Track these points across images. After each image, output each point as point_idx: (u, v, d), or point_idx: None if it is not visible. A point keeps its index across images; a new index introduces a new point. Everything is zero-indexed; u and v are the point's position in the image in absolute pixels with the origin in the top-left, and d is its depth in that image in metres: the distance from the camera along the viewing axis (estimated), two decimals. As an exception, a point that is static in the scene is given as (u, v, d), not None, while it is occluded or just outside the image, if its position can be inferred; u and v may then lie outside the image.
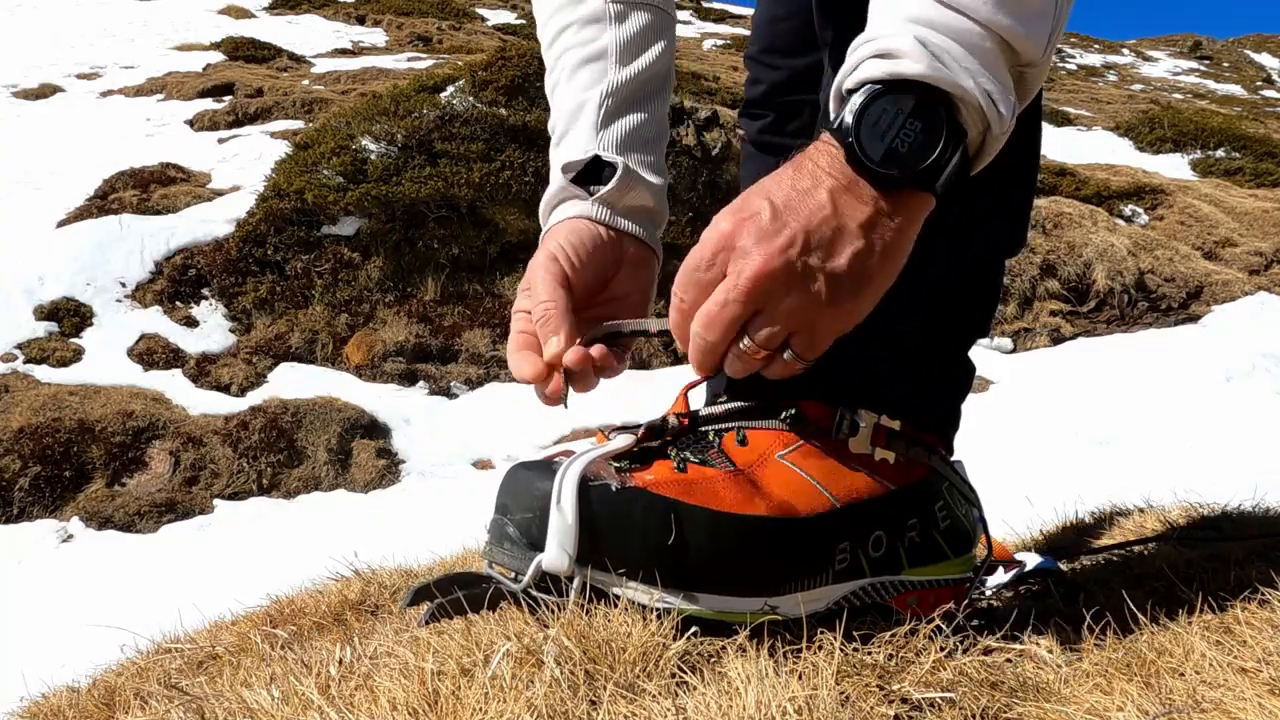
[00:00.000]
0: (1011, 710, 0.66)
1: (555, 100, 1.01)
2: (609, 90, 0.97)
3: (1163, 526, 1.43)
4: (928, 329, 0.95)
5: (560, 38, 1.01)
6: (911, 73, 0.69)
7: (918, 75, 0.69)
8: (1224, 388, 5.41)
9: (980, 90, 0.70)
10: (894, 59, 0.70)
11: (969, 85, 0.69)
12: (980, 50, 0.70)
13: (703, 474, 0.78)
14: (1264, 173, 10.73)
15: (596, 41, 0.99)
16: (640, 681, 0.66)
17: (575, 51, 0.99)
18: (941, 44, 0.69)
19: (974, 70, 0.70)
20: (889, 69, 0.70)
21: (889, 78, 0.70)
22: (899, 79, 0.69)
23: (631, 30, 0.99)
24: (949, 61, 0.69)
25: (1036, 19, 0.71)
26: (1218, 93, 25.16)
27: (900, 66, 0.69)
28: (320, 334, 6.50)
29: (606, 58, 0.98)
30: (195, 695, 0.81)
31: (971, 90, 0.70)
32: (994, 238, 1.00)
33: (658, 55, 1.00)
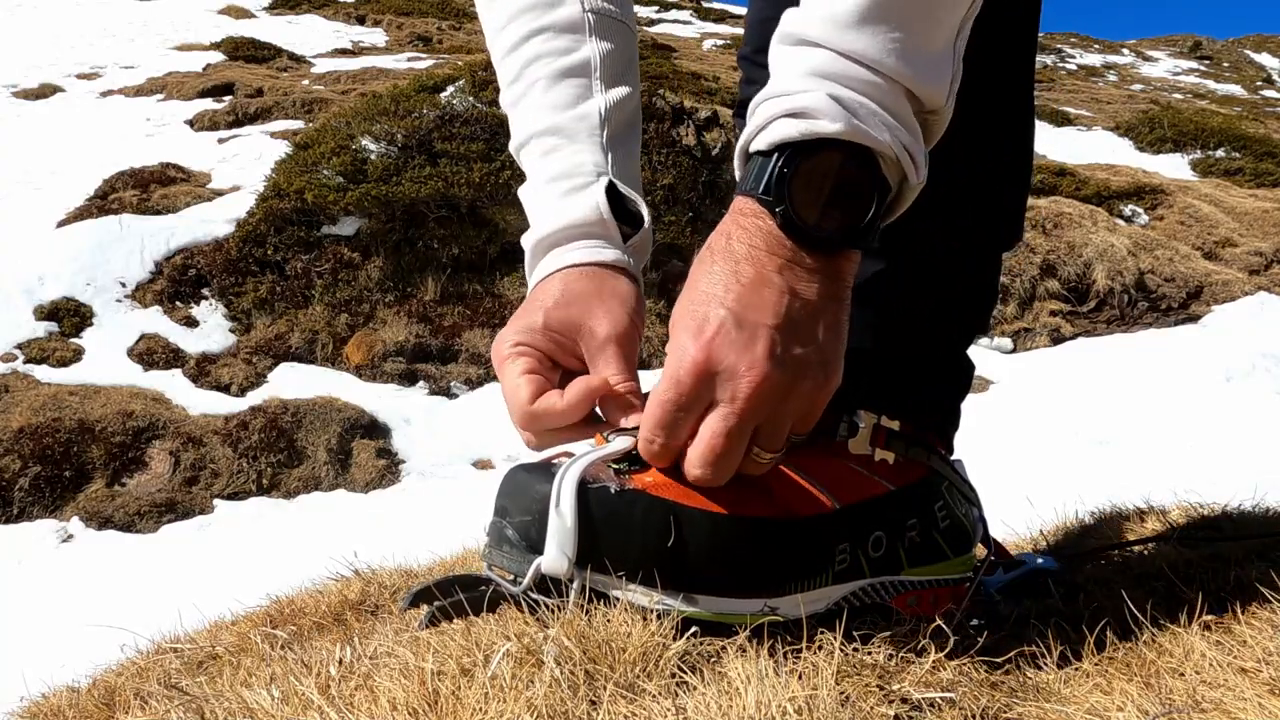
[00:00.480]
0: (1011, 710, 0.66)
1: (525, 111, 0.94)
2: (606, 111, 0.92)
3: (1163, 526, 1.43)
4: (926, 328, 0.95)
5: (528, 44, 0.94)
6: (830, 132, 0.67)
7: (837, 134, 0.67)
8: (1224, 388, 5.41)
9: (896, 143, 0.68)
10: (809, 119, 0.67)
11: (886, 139, 0.68)
12: (889, 103, 0.68)
13: (703, 475, 0.78)
14: (1264, 173, 10.73)
15: (575, 53, 0.93)
16: (640, 681, 0.66)
17: (551, 61, 0.92)
18: (855, 100, 0.67)
19: (888, 124, 0.68)
20: (806, 129, 0.67)
21: (806, 138, 0.67)
22: (817, 138, 0.67)
23: (610, 47, 0.94)
24: (864, 116, 0.67)
25: (937, 67, 0.70)
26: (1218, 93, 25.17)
27: (817, 126, 0.67)
28: (320, 334, 6.50)
29: (589, 74, 0.93)
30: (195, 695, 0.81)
31: (889, 144, 0.68)
32: (990, 234, 1.00)
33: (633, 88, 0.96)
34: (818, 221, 0.69)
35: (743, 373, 0.68)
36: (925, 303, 0.94)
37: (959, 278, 0.97)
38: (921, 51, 0.69)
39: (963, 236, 0.95)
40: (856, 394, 0.88)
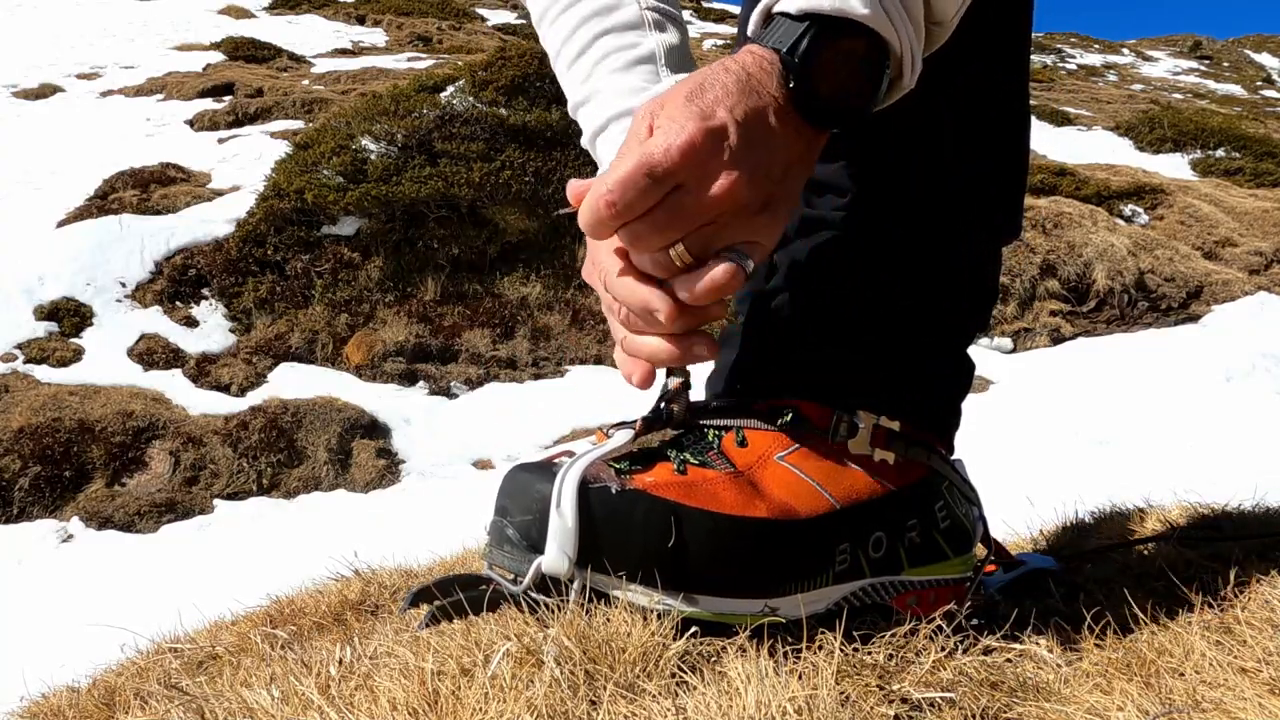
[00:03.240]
0: (1011, 710, 0.66)
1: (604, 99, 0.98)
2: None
3: (1163, 526, 1.43)
4: (925, 326, 0.95)
5: (595, 46, 0.99)
6: (859, 15, 0.69)
7: (865, 19, 0.69)
8: (1224, 388, 5.41)
9: (907, 44, 0.71)
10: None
11: (902, 35, 0.71)
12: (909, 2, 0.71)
13: (703, 476, 0.78)
14: (1264, 173, 10.73)
15: (641, 46, 0.98)
16: (640, 681, 0.66)
17: (621, 54, 0.98)
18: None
19: (903, 20, 0.71)
20: (837, 5, 0.69)
21: (837, 14, 0.69)
22: (846, 19, 0.69)
23: (671, 39, 1.00)
24: (890, 7, 0.70)
25: None
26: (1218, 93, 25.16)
27: (849, 6, 0.69)
28: (320, 334, 6.50)
29: (655, 62, 0.98)
30: (195, 695, 0.81)
31: (903, 42, 0.71)
32: (988, 229, 0.99)
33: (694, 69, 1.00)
34: (826, 98, 0.71)
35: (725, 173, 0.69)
36: (924, 300, 0.94)
37: (958, 274, 0.97)
38: None
39: (961, 232, 0.95)
40: (856, 393, 0.88)
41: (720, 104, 0.70)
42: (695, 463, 0.80)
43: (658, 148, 0.68)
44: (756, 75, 0.71)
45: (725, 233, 0.72)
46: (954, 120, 0.91)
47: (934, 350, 0.97)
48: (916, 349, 0.95)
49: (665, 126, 0.69)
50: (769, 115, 0.71)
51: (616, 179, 0.68)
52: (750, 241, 0.73)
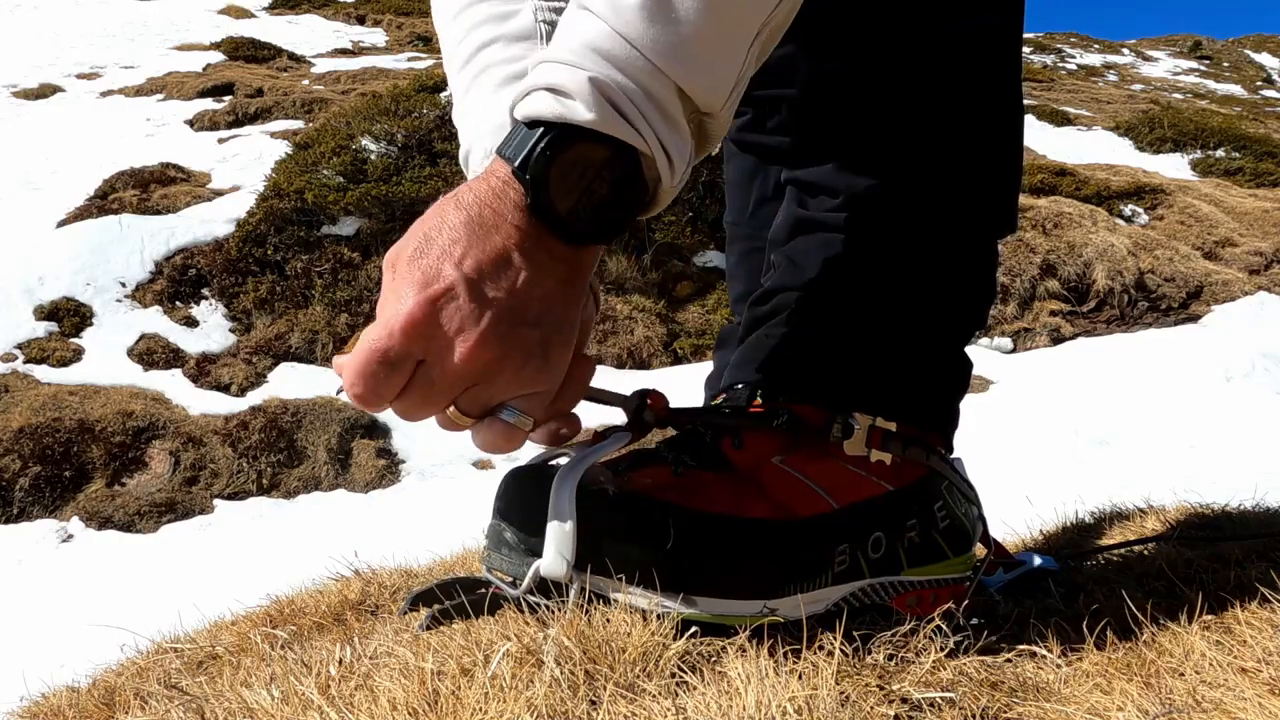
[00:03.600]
0: (1011, 710, 0.66)
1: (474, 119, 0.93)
2: None
3: (1163, 526, 1.43)
4: (922, 325, 0.95)
5: (480, 55, 0.94)
6: (582, 120, 0.63)
7: (589, 124, 0.63)
8: (1224, 388, 5.41)
9: (657, 143, 0.65)
10: (565, 98, 0.64)
11: (648, 136, 0.65)
12: (657, 96, 0.65)
13: (700, 477, 0.78)
14: (1264, 173, 10.73)
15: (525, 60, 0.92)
16: (640, 681, 0.66)
17: (501, 69, 0.92)
18: (618, 86, 0.64)
19: (652, 119, 0.65)
20: (559, 111, 0.64)
21: (560, 120, 0.64)
22: (570, 125, 0.64)
23: None
24: (627, 109, 0.64)
25: (718, 70, 0.67)
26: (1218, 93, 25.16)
27: (571, 111, 0.64)
28: (320, 334, 6.50)
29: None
30: (195, 695, 0.81)
31: (650, 143, 0.65)
32: (983, 224, 0.99)
33: None
34: (570, 212, 0.66)
35: (459, 344, 0.64)
36: (920, 299, 0.94)
37: (953, 272, 0.96)
38: (704, 50, 0.65)
39: (956, 229, 0.95)
40: (853, 393, 0.88)
41: (447, 258, 0.64)
42: (693, 465, 0.80)
43: (382, 333, 0.64)
44: (491, 203, 0.65)
45: (494, 390, 0.68)
46: (947, 116, 0.91)
47: (931, 349, 0.97)
48: (914, 348, 0.94)
49: (389, 299, 0.65)
50: (510, 253, 0.65)
51: (354, 370, 0.65)
52: (526, 394, 0.69)
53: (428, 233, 0.66)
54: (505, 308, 0.65)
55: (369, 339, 0.65)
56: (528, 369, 0.67)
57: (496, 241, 0.65)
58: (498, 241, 0.65)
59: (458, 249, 0.65)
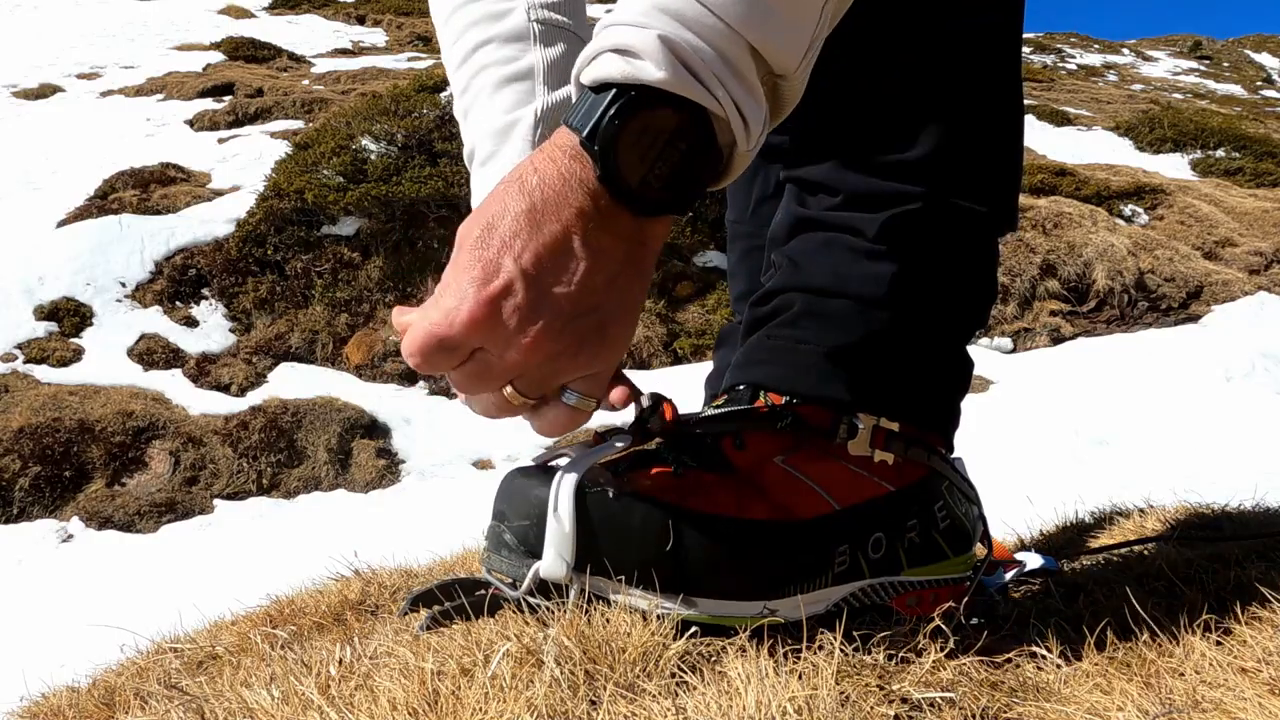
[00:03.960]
0: (1011, 710, 0.66)
1: (473, 120, 0.94)
2: (542, 113, 0.91)
3: (1163, 526, 1.43)
4: (924, 324, 0.95)
5: (475, 55, 0.94)
6: (653, 79, 0.61)
7: (659, 83, 0.61)
8: (1224, 388, 5.41)
9: (731, 104, 0.63)
10: (634, 59, 0.61)
11: (721, 97, 0.62)
12: (731, 56, 0.62)
13: (701, 478, 0.78)
14: (1264, 173, 10.73)
15: (520, 60, 0.93)
16: (640, 681, 0.66)
17: (496, 70, 0.93)
18: (690, 45, 0.61)
19: (725, 79, 0.62)
20: (629, 72, 0.62)
21: (629, 82, 0.62)
22: (641, 85, 0.61)
23: (557, 54, 0.94)
24: (699, 69, 0.61)
25: (791, 29, 0.64)
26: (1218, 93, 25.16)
27: (641, 70, 0.61)
28: (320, 334, 6.50)
29: (534, 78, 0.92)
30: (195, 695, 0.81)
31: (723, 104, 0.62)
32: (983, 222, 0.99)
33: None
34: (641, 182, 0.64)
35: (515, 340, 0.65)
36: (922, 297, 0.94)
37: (954, 271, 0.96)
38: (778, 8, 0.63)
39: (956, 228, 0.95)
40: (855, 393, 0.88)
41: (507, 251, 0.63)
42: (693, 465, 0.79)
43: (443, 320, 0.64)
44: (555, 186, 0.64)
45: (553, 375, 0.68)
46: (948, 115, 0.91)
47: (933, 348, 0.97)
48: (915, 347, 0.94)
49: (450, 289, 0.65)
50: (572, 241, 0.64)
51: (412, 345, 0.65)
52: (587, 376, 0.69)
53: (491, 220, 0.65)
54: (564, 300, 0.64)
55: (429, 320, 0.65)
56: (584, 354, 0.67)
57: (557, 231, 0.64)
58: (559, 231, 0.64)
59: (518, 242, 0.64)
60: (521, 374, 0.67)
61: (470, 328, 0.64)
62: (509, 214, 0.64)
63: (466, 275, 0.64)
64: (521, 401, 0.69)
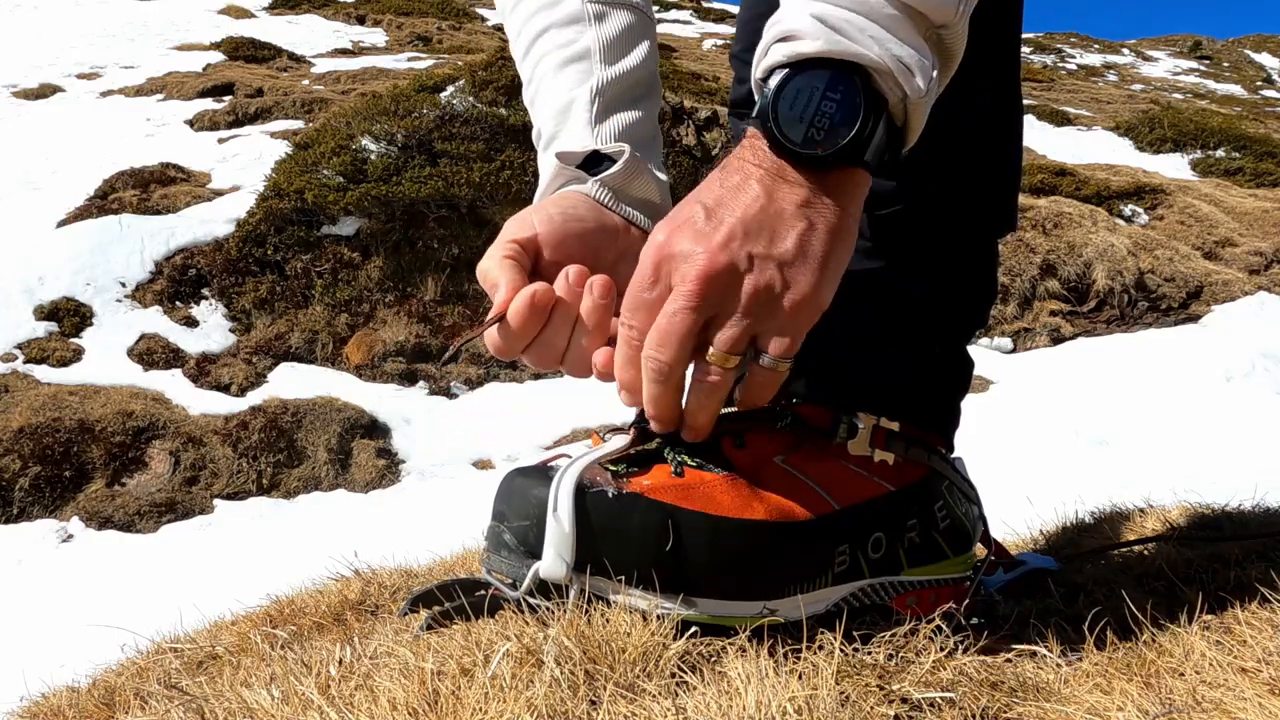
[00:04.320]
0: (1011, 710, 0.66)
1: (538, 105, 0.97)
2: (598, 88, 0.93)
3: (1163, 526, 1.43)
4: (924, 324, 0.95)
5: (537, 43, 0.98)
6: (810, 50, 0.68)
7: (817, 52, 0.67)
8: (1224, 388, 5.41)
9: (890, 56, 0.68)
10: (795, 40, 0.69)
11: (876, 52, 0.67)
12: (883, 17, 0.68)
13: (700, 478, 0.78)
14: (1264, 173, 10.73)
15: (577, 42, 0.96)
16: (640, 681, 0.66)
17: (556, 54, 0.96)
18: (841, 16, 0.68)
19: (880, 38, 0.68)
20: (791, 50, 0.69)
21: (793, 59, 0.69)
22: (803, 59, 0.68)
23: (613, 30, 0.97)
24: (851, 32, 0.67)
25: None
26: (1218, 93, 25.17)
27: (801, 46, 0.68)
28: (320, 334, 6.50)
29: (590, 57, 0.95)
30: (195, 695, 0.82)
31: (879, 57, 0.68)
32: (983, 223, 0.99)
33: (643, 57, 0.97)
34: (803, 139, 0.69)
35: (696, 255, 0.69)
36: (922, 298, 0.94)
37: (955, 272, 0.96)
38: None
39: (956, 228, 0.95)
40: (855, 393, 0.88)
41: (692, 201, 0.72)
42: (693, 465, 0.79)
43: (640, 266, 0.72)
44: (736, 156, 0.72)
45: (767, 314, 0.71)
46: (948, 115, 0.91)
47: (933, 349, 0.97)
48: (915, 348, 0.94)
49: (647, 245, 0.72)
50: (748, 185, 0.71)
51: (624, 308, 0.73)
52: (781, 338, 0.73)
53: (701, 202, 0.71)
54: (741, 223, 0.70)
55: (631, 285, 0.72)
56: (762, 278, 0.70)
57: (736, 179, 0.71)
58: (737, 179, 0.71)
59: (704, 192, 0.72)
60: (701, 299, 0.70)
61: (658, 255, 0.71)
62: (705, 184, 0.73)
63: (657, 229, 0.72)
64: (729, 363, 0.72)
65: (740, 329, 0.71)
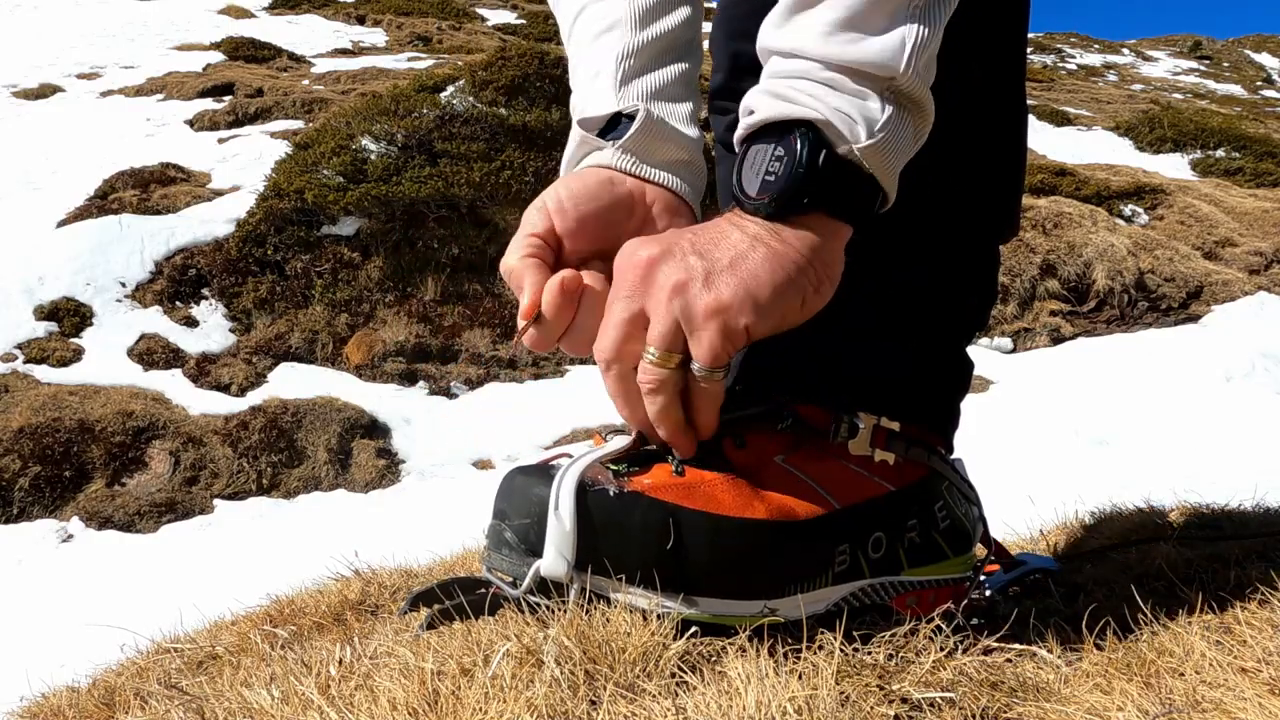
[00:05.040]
0: (1011, 710, 0.66)
1: (574, 78, 0.97)
2: (626, 52, 0.93)
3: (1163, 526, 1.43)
4: (925, 326, 0.95)
5: (578, 22, 0.98)
6: (761, 118, 0.75)
7: (766, 118, 0.75)
8: (1224, 388, 5.41)
9: (829, 108, 0.73)
10: (751, 114, 0.77)
11: (815, 107, 0.73)
12: (823, 78, 0.74)
13: (701, 477, 0.78)
14: (1264, 173, 10.74)
15: (612, 14, 0.95)
16: (640, 681, 0.66)
17: (592, 25, 0.96)
18: (787, 85, 0.75)
19: (819, 94, 0.73)
20: (748, 122, 0.77)
21: (751, 129, 0.77)
22: (757, 126, 0.76)
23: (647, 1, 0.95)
24: (792, 95, 0.74)
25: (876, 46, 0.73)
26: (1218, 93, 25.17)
27: (755, 117, 0.76)
28: (320, 334, 6.50)
29: (622, 25, 0.95)
30: (195, 695, 0.82)
31: (817, 110, 0.73)
32: (985, 228, 0.99)
33: (681, 20, 0.96)
34: (757, 191, 0.75)
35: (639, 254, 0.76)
36: (923, 300, 0.94)
37: (955, 274, 0.97)
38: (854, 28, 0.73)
39: (958, 231, 0.95)
40: (856, 394, 0.88)
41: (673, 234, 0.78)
42: (693, 464, 0.79)
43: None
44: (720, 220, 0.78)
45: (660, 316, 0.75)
46: (950, 119, 0.91)
47: (933, 350, 0.97)
48: (916, 349, 0.95)
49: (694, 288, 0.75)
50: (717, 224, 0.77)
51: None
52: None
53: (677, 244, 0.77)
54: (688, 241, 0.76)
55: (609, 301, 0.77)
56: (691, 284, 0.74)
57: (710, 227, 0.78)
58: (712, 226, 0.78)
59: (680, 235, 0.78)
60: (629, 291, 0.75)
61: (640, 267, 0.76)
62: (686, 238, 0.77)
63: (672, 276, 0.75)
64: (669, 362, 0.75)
65: (665, 322, 0.74)
